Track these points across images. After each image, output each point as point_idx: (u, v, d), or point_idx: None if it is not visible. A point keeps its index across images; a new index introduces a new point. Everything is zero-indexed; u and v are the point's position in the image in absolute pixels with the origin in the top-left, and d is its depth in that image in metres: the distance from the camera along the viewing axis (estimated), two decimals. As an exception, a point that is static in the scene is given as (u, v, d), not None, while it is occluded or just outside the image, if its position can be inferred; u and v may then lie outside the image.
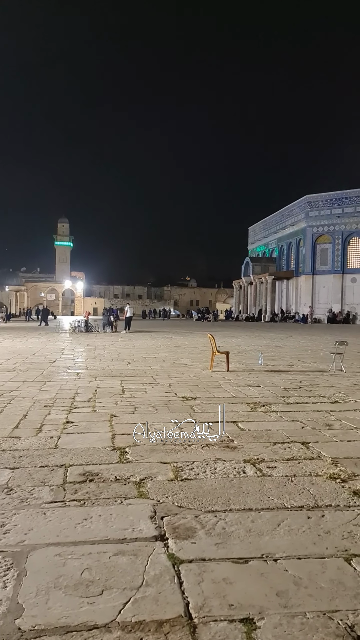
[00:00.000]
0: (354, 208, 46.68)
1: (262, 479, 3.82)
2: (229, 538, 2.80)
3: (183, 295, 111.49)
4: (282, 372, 10.39)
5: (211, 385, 8.50)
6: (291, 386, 8.52)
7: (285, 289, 54.97)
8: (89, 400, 7.10)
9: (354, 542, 2.78)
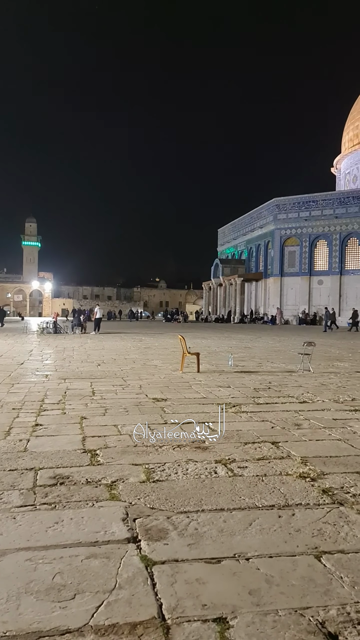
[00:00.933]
0: (321, 211, 47.56)
1: (234, 479, 3.85)
2: (201, 538, 2.81)
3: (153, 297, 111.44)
4: (251, 373, 10.49)
5: (182, 387, 8.52)
6: (261, 387, 8.61)
7: (254, 290, 55.56)
8: (59, 402, 7.01)
9: (324, 540, 2.83)
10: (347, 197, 47.53)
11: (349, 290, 46.38)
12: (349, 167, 59.59)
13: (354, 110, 59.11)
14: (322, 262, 48.06)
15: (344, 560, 2.59)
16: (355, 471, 4.06)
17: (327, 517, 3.14)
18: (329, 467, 4.18)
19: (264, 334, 28.08)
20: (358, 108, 57.94)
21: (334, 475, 3.95)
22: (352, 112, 59.32)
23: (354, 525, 3.02)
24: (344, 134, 60.71)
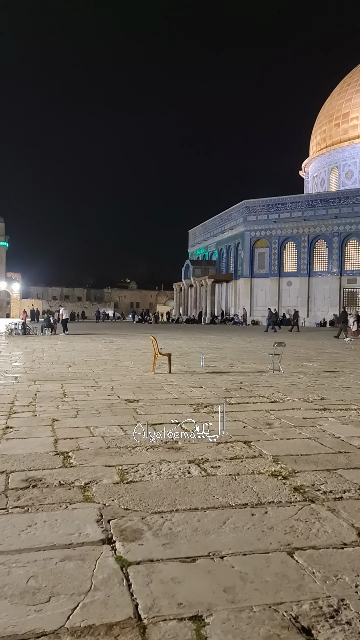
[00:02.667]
0: (290, 214, 48.24)
1: (207, 478, 3.88)
2: (176, 538, 2.83)
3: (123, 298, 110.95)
4: (223, 373, 10.57)
5: (154, 387, 8.52)
6: (232, 387, 8.69)
7: (225, 291, 55.95)
8: (29, 404, 6.92)
9: (296, 537, 2.88)
10: (314, 200, 48.35)
11: (317, 292, 47.19)
12: (317, 170, 60.65)
13: (321, 115, 60.22)
14: (291, 263, 48.76)
15: (316, 556, 2.65)
16: (325, 469, 4.15)
17: (299, 515, 3.20)
18: (300, 465, 4.25)
19: (235, 335, 28.31)
20: (325, 112, 59.04)
21: (305, 473, 4.02)
22: (320, 117, 60.42)
23: (325, 522, 3.09)
24: (312, 138, 61.77)
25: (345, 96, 56.05)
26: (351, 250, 46.30)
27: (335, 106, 57.14)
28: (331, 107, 57.99)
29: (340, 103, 56.42)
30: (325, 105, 59.98)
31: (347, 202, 46.01)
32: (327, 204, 46.91)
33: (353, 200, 45.73)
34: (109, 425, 5.66)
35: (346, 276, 46.30)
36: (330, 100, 59.25)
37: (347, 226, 45.86)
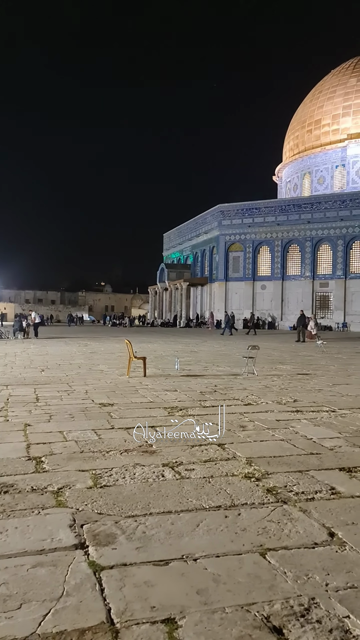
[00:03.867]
0: (263, 218, 48.77)
1: (181, 481, 3.89)
2: (149, 541, 2.83)
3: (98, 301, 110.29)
4: (198, 377, 10.60)
5: (128, 391, 8.50)
6: (207, 390, 8.72)
7: (200, 295, 56.16)
8: (1, 409, 6.82)
9: (269, 537, 2.91)
10: (288, 205, 49.00)
11: (290, 295, 47.77)
12: (290, 175, 61.49)
13: (294, 121, 61.12)
14: (265, 267, 49.28)
15: (288, 556, 2.68)
16: (297, 470, 4.20)
17: (272, 516, 3.23)
18: (273, 466, 4.30)
19: (210, 338, 28.42)
20: (298, 119, 59.94)
21: (278, 475, 4.07)
22: (293, 123, 61.32)
23: (296, 522, 3.13)
24: (285, 144, 62.62)
25: (317, 103, 57.04)
26: (323, 255, 47.05)
27: (307, 113, 58.07)
28: (304, 113, 58.92)
29: (312, 110, 57.38)
30: (298, 111, 60.92)
31: (319, 208, 46.75)
32: (300, 209, 47.59)
33: (325, 206, 46.50)
34: (82, 429, 5.62)
35: (318, 280, 47.00)
36: (302, 107, 60.20)
37: (319, 231, 46.59)
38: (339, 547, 2.81)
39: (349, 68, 56.82)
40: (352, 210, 45.12)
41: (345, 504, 3.45)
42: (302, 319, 26.63)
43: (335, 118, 54.52)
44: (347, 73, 56.29)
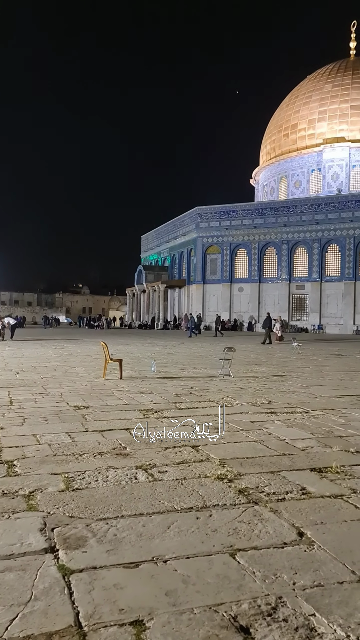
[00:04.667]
0: (241, 221, 49.12)
1: (154, 483, 3.90)
2: (120, 544, 2.83)
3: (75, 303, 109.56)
4: (174, 379, 10.62)
5: (104, 394, 8.47)
6: (182, 392, 8.74)
7: (178, 297, 56.23)
8: (-26, 412, 6.72)
9: (239, 538, 2.94)
10: (264, 208, 49.47)
11: (267, 298, 48.19)
12: (267, 179, 62.08)
13: (270, 125, 61.74)
14: (242, 270, 49.62)
15: (257, 556, 2.71)
16: (269, 471, 4.25)
17: (243, 516, 3.27)
18: (246, 468, 4.34)
19: (187, 340, 28.48)
20: (274, 123, 60.57)
21: (250, 476, 4.11)
22: (269, 127, 61.94)
23: (267, 523, 3.17)
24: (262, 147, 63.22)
25: (294, 108, 57.74)
26: (299, 258, 47.61)
27: (284, 117, 58.73)
28: (280, 117, 59.57)
29: (288, 114, 58.05)
30: (275, 115, 61.56)
31: (295, 211, 47.30)
32: (277, 212, 48.08)
33: (301, 209, 47.07)
34: (56, 432, 5.58)
35: (295, 282, 47.52)
36: (279, 111, 60.86)
37: (295, 234, 47.13)
38: (307, 546, 2.85)
39: (324, 74, 57.69)
40: (327, 214, 45.77)
41: (315, 504, 3.50)
42: (268, 321, 26.72)
43: (311, 123, 55.27)
44: (322, 79, 57.14)
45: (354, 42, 59.47)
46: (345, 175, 53.37)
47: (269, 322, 26.52)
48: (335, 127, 53.83)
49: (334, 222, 45.45)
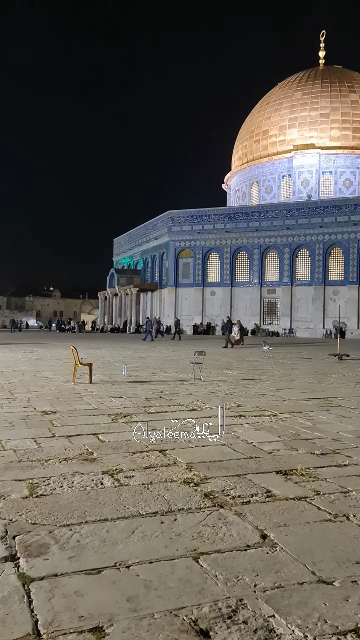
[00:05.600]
0: (213, 225, 49.46)
1: (120, 488, 3.88)
2: (83, 550, 2.81)
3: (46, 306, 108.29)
4: (144, 383, 10.60)
5: (73, 398, 8.39)
6: (153, 396, 8.73)
7: (150, 300, 56.19)
8: None
9: (203, 542, 2.95)
10: (237, 213, 49.93)
11: (239, 302, 48.61)
12: (239, 184, 62.68)
13: (242, 131, 62.42)
14: (214, 274, 49.93)
15: (220, 559, 2.73)
16: (236, 474, 4.28)
17: (207, 520, 3.28)
18: (212, 471, 4.35)
19: (159, 344, 28.47)
20: (246, 129, 61.27)
21: (216, 479, 4.13)
22: (241, 133, 62.61)
23: (231, 526, 3.19)
24: (234, 153, 63.84)
25: (265, 114, 58.51)
26: (271, 262, 48.20)
27: (255, 123, 59.46)
28: (252, 123, 60.28)
29: (260, 120, 58.80)
30: (246, 121, 62.27)
31: (266, 216, 47.89)
32: (248, 217, 48.59)
33: (272, 215, 47.69)
34: (22, 438, 5.50)
35: (266, 287, 48.07)
36: (251, 117, 61.59)
37: (266, 239, 47.71)
38: (270, 548, 2.88)
39: (294, 82, 58.68)
40: (297, 220, 46.50)
41: (279, 506, 3.54)
42: (228, 325, 26.78)
43: (282, 129, 56.13)
44: (292, 87, 58.11)
45: (323, 52, 60.75)
46: (315, 181, 54.33)
47: (229, 327, 26.48)
48: (306, 134, 54.80)
49: (304, 228, 46.20)
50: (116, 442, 5.35)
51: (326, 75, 57.48)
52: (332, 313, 43.20)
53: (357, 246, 44.62)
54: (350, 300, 44.62)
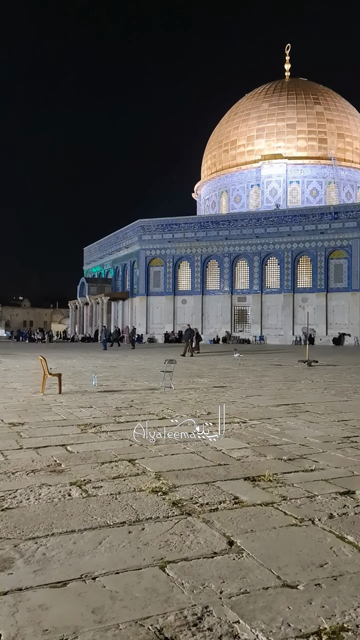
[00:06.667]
0: (183, 234, 49.71)
1: (87, 499, 3.85)
2: (48, 563, 2.77)
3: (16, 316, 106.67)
4: (115, 392, 10.54)
5: (41, 409, 8.28)
6: (123, 405, 8.69)
7: (121, 309, 55.98)
8: None
9: (170, 550, 2.95)
10: (206, 222, 50.33)
11: (210, 310, 48.88)
12: (208, 193, 63.24)
13: (211, 141, 63.10)
14: (185, 282, 50.11)
15: (187, 567, 2.73)
16: (204, 482, 4.30)
17: (175, 528, 3.28)
18: (181, 479, 4.36)
19: (130, 353, 28.35)
20: (215, 138, 61.97)
21: (185, 487, 4.14)
22: (210, 142, 63.28)
23: (198, 534, 3.20)
24: (203, 162, 64.43)
25: (233, 124, 59.32)
26: (241, 270, 48.68)
27: (224, 133, 60.20)
28: (220, 133, 61.01)
29: (228, 130, 59.57)
30: (215, 131, 62.98)
31: (236, 225, 48.42)
32: (218, 225, 49.03)
33: (241, 223, 48.25)
34: (-12, 451, 5.40)
35: (237, 295, 48.48)
36: (219, 127, 62.33)
37: (236, 247, 48.20)
38: (236, 554, 2.90)
39: (261, 93, 59.72)
40: (266, 228, 47.16)
41: (246, 513, 3.57)
42: (188, 333, 26.14)
43: (250, 140, 56.97)
44: (260, 98, 59.13)
45: (288, 65, 62.05)
46: (283, 190, 55.25)
47: (189, 335, 26.01)
48: (273, 144, 55.75)
49: (272, 236, 46.88)
50: (85, 453, 5.30)
51: (292, 87, 58.70)
52: (301, 320, 43.83)
53: (324, 254, 45.50)
54: (319, 307, 45.39)
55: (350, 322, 44.36)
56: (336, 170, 55.02)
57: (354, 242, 44.44)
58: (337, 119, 56.55)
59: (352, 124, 57.54)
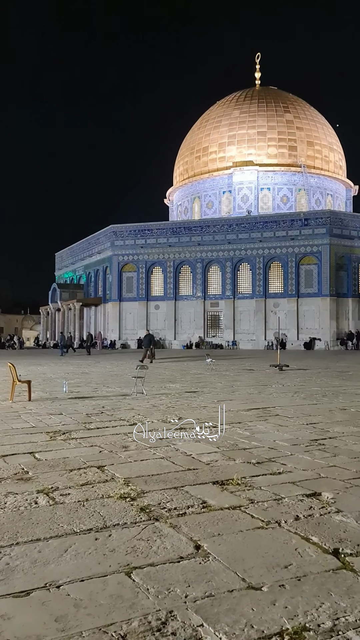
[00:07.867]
0: (156, 240, 49.77)
1: (54, 507, 3.81)
2: (12, 573, 2.73)
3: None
4: (86, 398, 10.45)
5: (10, 417, 8.15)
6: (93, 412, 8.63)
7: (94, 315, 55.61)
8: None
9: (136, 556, 2.94)
10: (179, 228, 50.50)
11: (183, 315, 48.98)
12: (181, 199, 63.52)
13: (183, 147, 63.47)
14: (158, 288, 50.13)
15: (152, 573, 2.73)
16: (173, 487, 4.30)
17: (142, 534, 3.27)
18: (150, 485, 4.35)
19: (103, 359, 28.18)
20: (187, 145, 62.36)
21: (153, 493, 4.13)
22: (182, 149, 63.64)
23: (165, 539, 3.20)
24: (175, 168, 64.72)
25: (204, 131, 59.80)
26: (213, 276, 48.97)
27: (195, 140, 60.63)
28: (192, 140, 61.43)
29: (200, 137, 60.02)
30: (187, 137, 63.38)
31: (208, 231, 48.73)
32: (191, 231, 49.25)
33: (214, 229, 48.59)
34: None
35: (209, 300, 48.74)
36: (191, 134, 62.76)
37: (208, 253, 48.48)
38: (203, 558, 2.91)
39: (232, 101, 60.42)
40: (238, 234, 47.60)
41: (214, 517, 3.59)
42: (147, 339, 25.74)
43: (222, 146, 57.52)
44: (231, 105, 59.81)
45: (258, 73, 63.01)
46: (255, 197, 55.90)
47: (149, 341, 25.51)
48: (244, 151, 56.41)
49: (244, 242, 47.33)
50: (53, 460, 5.24)
51: (262, 95, 59.57)
52: (273, 325, 44.32)
53: (295, 260, 46.17)
54: (290, 312, 45.98)
55: (320, 327, 45.08)
56: (306, 178, 56.00)
57: (323, 248, 45.25)
58: (307, 127, 57.62)
59: (320, 132, 58.71)
